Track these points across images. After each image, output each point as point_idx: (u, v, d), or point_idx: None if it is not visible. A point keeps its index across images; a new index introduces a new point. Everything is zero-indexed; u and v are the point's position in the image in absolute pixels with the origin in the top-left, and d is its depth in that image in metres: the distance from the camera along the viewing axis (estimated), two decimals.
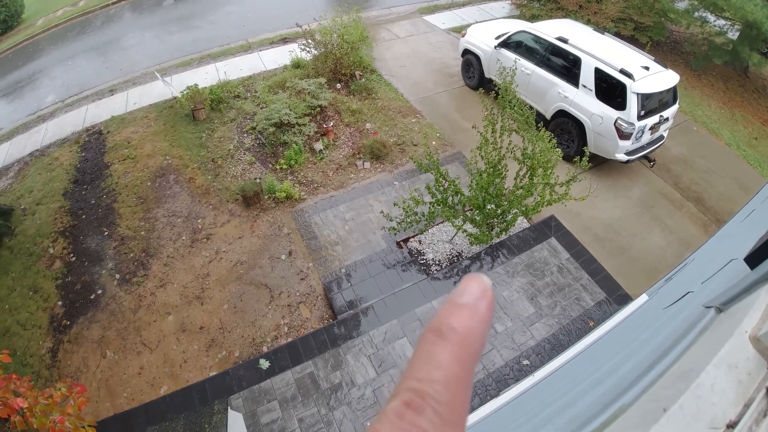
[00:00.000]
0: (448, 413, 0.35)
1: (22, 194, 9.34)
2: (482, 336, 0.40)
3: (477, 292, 0.41)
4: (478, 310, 0.40)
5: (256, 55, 13.08)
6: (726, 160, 9.84)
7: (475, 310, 0.40)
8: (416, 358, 0.38)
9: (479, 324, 0.40)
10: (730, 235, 3.43)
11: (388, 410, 0.35)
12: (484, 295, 0.41)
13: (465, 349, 0.38)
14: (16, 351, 6.57)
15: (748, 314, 0.94)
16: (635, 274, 7.24)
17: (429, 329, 0.40)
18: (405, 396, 0.36)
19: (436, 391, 0.36)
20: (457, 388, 0.37)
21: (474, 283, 0.42)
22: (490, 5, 16.27)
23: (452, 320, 0.39)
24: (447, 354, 0.38)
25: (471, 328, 0.39)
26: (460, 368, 0.37)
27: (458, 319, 0.39)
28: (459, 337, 0.38)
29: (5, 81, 15.19)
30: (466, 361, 0.38)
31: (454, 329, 0.39)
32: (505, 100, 6.31)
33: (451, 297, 0.42)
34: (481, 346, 0.40)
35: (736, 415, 0.76)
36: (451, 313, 0.40)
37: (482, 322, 0.40)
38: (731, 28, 12.87)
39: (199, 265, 7.45)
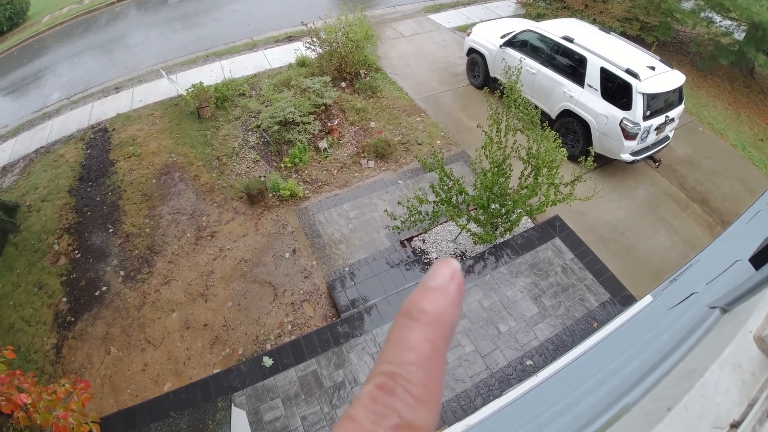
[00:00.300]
0: (421, 392, 0.36)
1: (28, 191, 9.38)
2: (453, 316, 0.40)
3: (447, 274, 0.42)
4: (447, 292, 0.41)
5: (261, 54, 13.09)
6: (731, 162, 9.80)
7: (445, 292, 0.41)
8: (388, 342, 0.39)
9: (449, 305, 0.40)
10: (735, 237, 3.42)
11: (362, 395, 0.36)
12: (453, 278, 0.42)
13: (436, 329, 0.39)
14: (20, 347, 6.60)
15: (752, 315, 0.94)
16: (640, 274, 7.21)
17: (400, 313, 0.40)
18: (378, 380, 0.36)
19: (408, 371, 0.36)
20: (430, 367, 0.37)
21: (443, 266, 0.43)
22: (496, 4, 16.23)
23: (423, 303, 0.40)
24: (418, 335, 0.38)
25: (441, 309, 0.40)
26: (432, 348, 0.38)
27: (429, 302, 0.40)
28: (429, 318, 0.39)
29: (11, 78, 15.25)
30: (437, 341, 0.38)
31: (424, 311, 0.39)
32: (510, 100, 6.30)
33: (422, 281, 0.42)
34: (452, 326, 0.40)
35: (739, 414, 0.76)
36: (422, 297, 0.40)
37: (452, 302, 0.40)
38: (737, 28, 12.80)
39: (204, 262, 7.47)
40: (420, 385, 0.36)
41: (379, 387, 0.36)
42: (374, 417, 0.34)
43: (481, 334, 6.20)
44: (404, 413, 0.35)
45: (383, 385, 0.36)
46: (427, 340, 0.38)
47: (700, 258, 3.83)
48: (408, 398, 0.35)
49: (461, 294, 0.42)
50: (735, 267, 1.99)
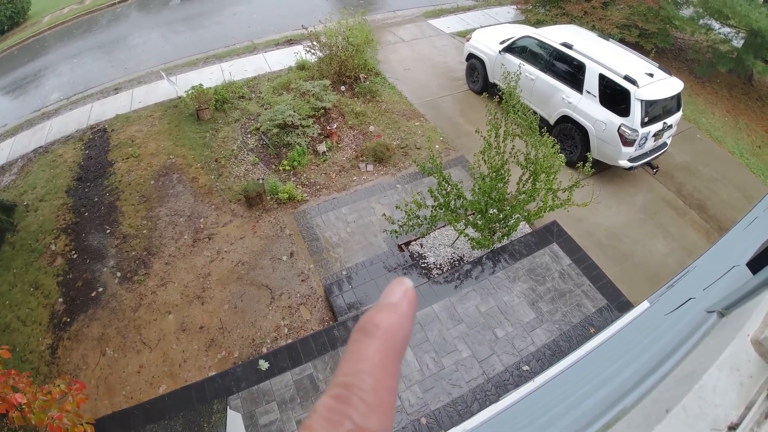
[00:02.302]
0: (373, 399, 0.38)
1: (25, 190, 9.36)
2: (404, 329, 0.43)
3: (399, 292, 0.44)
4: (399, 308, 0.43)
5: (261, 56, 13.11)
6: (729, 169, 9.83)
7: (396, 308, 0.43)
8: (344, 356, 0.41)
9: (400, 319, 0.43)
10: (732, 243, 3.43)
11: (318, 406, 0.38)
12: (405, 295, 0.44)
13: (388, 341, 0.41)
14: (15, 347, 6.57)
15: (750, 318, 0.94)
16: (637, 281, 7.22)
17: (356, 329, 0.42)
18: (333, 391, 0.38)
19: (361, 380, 0.38)
20: (381, 375, 0.39)
21: (396, 285, 0.45)
22: (496, 10, 16.29)
23: (375, 318, 0.42)
24: (371, 348, 0.40)
25: (392, 323, 0.42)
26: (384, 358, 0.40)
27: (381, 317, 0.42)
28: (382, 332, 0.41)
29: (10, 77, 15.26)
30: (389, 352, 0.41)
31: (377, 325, 0.42)
32: (509, 105, 6.31)
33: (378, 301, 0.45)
34: (403, 338, 0.42)
35: (737, 417, 0.77)
36: (375, 313, 0.43)
37: (403, 317, 0.43)
38: (736, 35, 12.86)
39: (201, 264, 7.45)
40: (372, 392, 0.38)
41: (334, 397, 0.38)
42: (329, 425, 0.36)
43: (478, 339, 6.19)
44: (357, 419, 0.36)
45: (338, 395, 0.38)
46: (378, 351, 0.40)
47: (697, 264, 3.83)
48: (361, 405, 0.37)
49: (413, 310, 0.44)
50: (732, 272, 1.99)
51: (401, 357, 0.42)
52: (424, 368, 5.87)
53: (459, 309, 6.52)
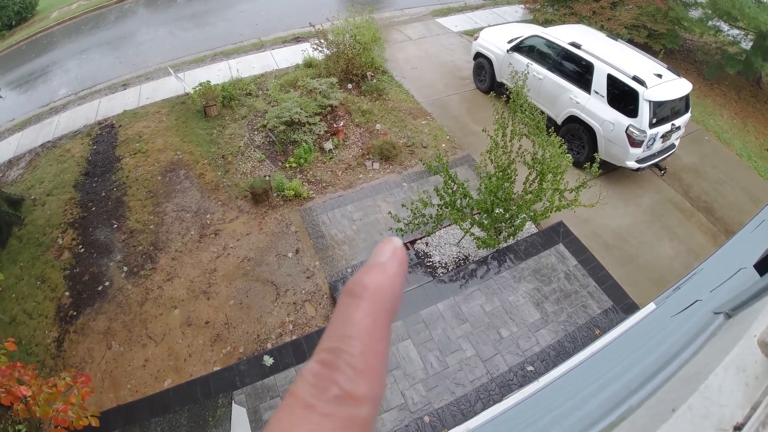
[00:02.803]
0: (361, 364, 0.37)
1: (33, 184, 9.42)
2: (394, 289, 0.41)
3: (388, 252, 0.43)
4: (387, 268, 0.42)
5: (268, 54, 13.12)
6: (737, 171, 9.77)
7: (384, 268, 0.42)
8: (332, 321, 0.40)
9: (389, 279, 0.41)
10: (739, 245, 3.41)
11: (304, 371, 0.37)
12: (394, 255, 0.43)
13: (377, 303, 0.40)
14: (21, 340, 6.62)
15: (757, 319, 0.94)
16: (643, 282, 7.20)
17: (343, 292, 0.41)
18: (320, 356, 0.38)
19: (349, 345, 0.37)
20: (370, 339, 0.38)
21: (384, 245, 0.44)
22: (504, 9, 16.25)
23: (364, 280, 0.41)
24: (359, 311, 0.39)
25: (381, 284, 0.41)
26: (373, 321, 0.39)
27: (369, 278, 0.41)
28: (370, 293, 0.40)
29: (18, 72, 15.33)
30: (378, 315, 0.39)
31: (365, 287, 0.40)
32: (517, 104, 6.29)
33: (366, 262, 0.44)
34: (393, 299, 0.41)
35: (743, 417, 0.77)
36: (363, 274, 0.42)
37: (393, 276, 0.42)
38: (745, 38, 12.78)
39: (207, 260, 7.48)
40: (360, 356, 0.37)
41: (321, 362, 0.37)
42: (314, 390, 0.35)
43: (483, 338, 6.19)
44: (344, 384, 0.35)
45: (324, 361, 0.37)
46: (367, 314, 0.39)
47: (704, 267, 3.82)
48: (348, 370, 0.36)
49: (403, 269, 0.43)
50: (739, 274, 1.99)
51: (391, 319, 0.41)
52: (428, 367, 5.88)
53: (464, 308, 6.52)
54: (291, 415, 0.34)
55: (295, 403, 0.35)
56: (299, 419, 0.34)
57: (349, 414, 0.35)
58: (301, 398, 0.35)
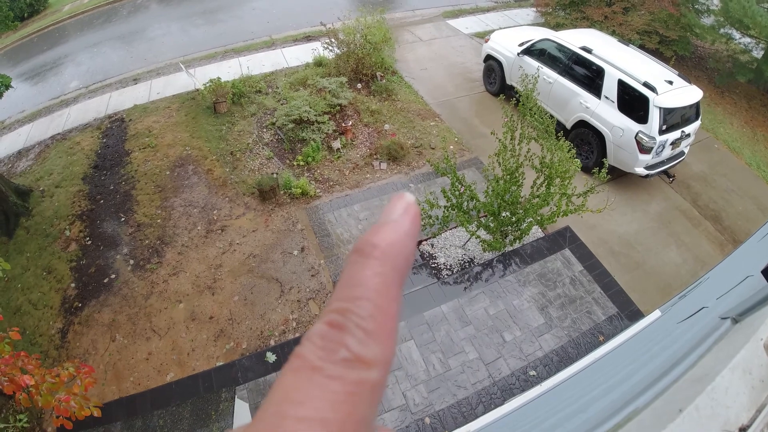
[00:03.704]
0: (371, 326, 0.35)
1: (42, 176, 9.48)
2: (406, 248, 0.40)
3: (400, 208, 0.41)
4: (400, 225, 0.40)
5: (279, 52, 13.16)
6: (746, 180, 9.71)
7: (396, 225, 0.40)
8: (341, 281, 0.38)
9: (401, 237, 0.40)
10: (746, 254, 3.40)
11: (311, 333, 0.35)
12: (406, 211, 0.41)
13: (387, 262, 0.38)
14: (25, 330, 6.66)
15: (764, 323, 0.94)
16: (649, 290, 7.16)
17: (353, 251, 0.39)
18: (328, 317, 0.36)
19: (359, 306, 0.36)
20: (380, 300, 0.37)
21: (397, 201, 0.42)
22: (515, 12, 16.23)
23: (374, 238, 0.39)
24: (369, 270, 0.37)
25: (392, 243, 0.39)
26: (383, 281, 0.37)
27: (380, 236, 0.39)
28: (380, 252, 0.38)
29: (29, 64, 15.44)
30: (389, 274, 0.38)
31: (375, 245, 0.39)
32: (526, 108, 6.29)
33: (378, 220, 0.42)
34: (405, 257, 0.39)
35: (748, 419, 0.77)
36: (374, 232, 0.40)
37: (405, 234, 0.40)
38: (756, 46, 12.72)
39: (213, 255, 7.51)
40: (370, 318, 0.35)
41: (329, 324, 0.35)
42: (322, 353, 0.34)
43: (486, 341, 6.19)
44: (353, 347, 0.34)
45: (332, 322, 0.35)
46: (377, 274, 0.37)
47: (710, 275, 3.80)
48: (358, 332, 0.35)
49: (416, 226, 0.41)
50: (746, 282, 1.98)
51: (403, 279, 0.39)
52: (430, 368, 5.88)
53: (468, 310, 6.51)
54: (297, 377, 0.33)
55: (302, 366, 0.34)
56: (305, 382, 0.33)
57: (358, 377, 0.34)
58: (308, 360, 0.34)
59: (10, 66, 15.58)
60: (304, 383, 0.33)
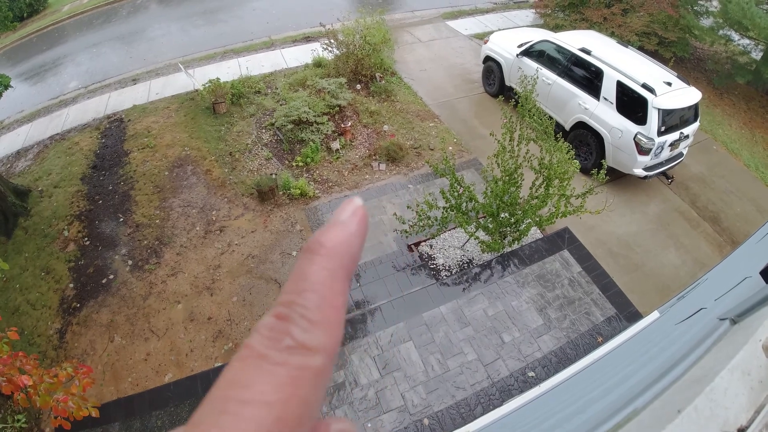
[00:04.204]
0: (316, 316, 0.37)
1: (40, 176, 9.47)
2: (351, 246, 0.41)
3: (348, 211, 0.43)
4: (347, 226, 0.42)
5: (278, 53, 13.16)
6: (744, 182, 9.73)
7: (344, 226, 0.42)
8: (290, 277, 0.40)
9: (348, 236, 0.41)
10: (745, 255, 3.40)
11: (259, 325, 0.37)
12: (354, 213, 0.43)
13: (333, 259, 0.40)
14: (24, 330, 6.64)
15: (762, 324, 0.94)
16: (647, 291, 7.17)
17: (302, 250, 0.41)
18: (275, 310, 0.38)
19: (304, 298, 0.37)
20: (325, 292, 0.38)
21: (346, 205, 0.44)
22: (514, 13, 16.25)
23: (321, 237, 0.41)
24: (315, 266, 0.39)
25: (339, 241, 0.41)
26: (328, 275, 0.39)
27: (327, 236, 0.41)
28: (326, 249, 0.40)
29: (28, 64, 15.44)
30: (335, 269, 0.39)
31: (322, 244, 0.40)
32: (525, 109, 6.29)
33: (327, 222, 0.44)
34: (351, 255, 0.41)
35: (747, 420, 0.76)
36: (323, 233, 0.41)
37: (352, 234, 0.42)
38: (755, 48, 12.77)
39: (211, 256, 7.50)
40: (315, 309, 0.37)
41: (276, 316, 0.37)
42: (268, 342, 0.36)
43: (485, 342, 6.19)
44: (297, 335, 0.36)
45: (279, 314, 0.37)
46: (323, 268, 0.39)
47: (708, 276, 3.80)
48: (302, 322, 0.36)
49: (363, 227, 0.43)
50: (745, 283, 1.98)
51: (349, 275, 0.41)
52: (429, 369, 5.87)
53: (466, 312, 6.51)
54: (243, 364, 0.35)
55: (248, 354, 0.35)
56: (251, 368, 0.34)
57: (301, 363, 0.35)
58: (254, 349, 0.36)
59: (10, 66, 15.56)
60: (249, 369, 0.34)
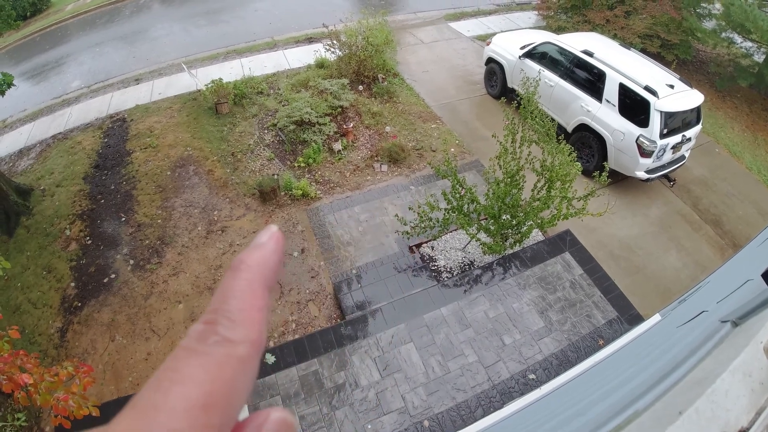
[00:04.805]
0: (238, 316, 0.41)
1: (43, 175, 9.48)
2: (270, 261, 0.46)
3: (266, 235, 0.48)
4: (265, 246, 0.47)
5: (281, 53, 13.17)
6: (746, 185, 9.71)
7: (263, 247, 0.47)
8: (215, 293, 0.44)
9: (265, 254, 0.46)
10: (746, 258, 3.39)
11: (191, 330, 0.41)
12: (271, 237, 0.48)
13: (252, 272, 0.44)
14: (25, 329, 6.65)
15: (764, 326, 0.94)
16: (649, 294, 7.16)
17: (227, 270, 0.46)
18: (203, 317, 0.42)
19: (228, 304, 0.42)
20: (246, 297, 0.43)
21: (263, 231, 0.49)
22: (517, 15, 16.25)
23: (243, 257, 0.46)
24: (237, 279, 0.44)
25: (258, 258, 0.46)
26: (249, 284, 0.43)
27: (247, 255, 0.46)
28: (246, 265, 0.45)
29: (31, 63, 15.47)
30: (254, 279, 0.44)
31: (242, 261, 0.45)
32: (527, 111, 6.28)
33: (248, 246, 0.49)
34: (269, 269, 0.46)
35: (748, 422, 0.76)
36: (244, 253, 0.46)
37: (269, 252, 0.47)
38: (758, 50, 12.75)
39: (213, 256, 7.51)
40: (237, 311, 0.41)
41: (204, 322, 0.41)
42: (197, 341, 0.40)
43: (485, 344, 6.18)
44: (222, 332, 0.40)
45: (206, 320, 0.41)
46: (244, 280, 0.44)
47: (710, 279, 3.80)
48: (226, 322, 0.41)
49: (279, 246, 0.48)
50: (746, 286, 1.98)
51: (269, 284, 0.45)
52: (429, 371, 5.87)
53: (467, 313, 6.50)
54: (175, 358, 0.39)
55: (180, 350, 0.39)
56: (182, 359, 0.38)
57: (226, 351, 0.39)
58: (185, 346, 0.40)
59: (13, 65, 15.61)
60: (180, 360, 0.39)
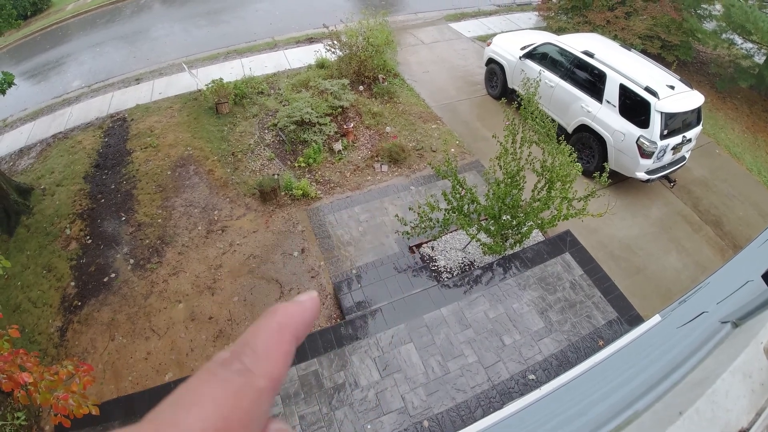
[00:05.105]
0: (263, 352, 0.43)
1: (43, 174, 9.49)
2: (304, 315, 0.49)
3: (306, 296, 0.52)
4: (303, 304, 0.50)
5: (281, 53, 13.18)
6: (747, 186, 9.71)
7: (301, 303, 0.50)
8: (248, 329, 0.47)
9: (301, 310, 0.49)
10: (747, 259, 3.39)
11: (216, 356, 0.44)
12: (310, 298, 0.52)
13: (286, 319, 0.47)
14: (24, 328, 6.66)
15: (764, 327, 0.94)
16: (649, 294, 7.16)
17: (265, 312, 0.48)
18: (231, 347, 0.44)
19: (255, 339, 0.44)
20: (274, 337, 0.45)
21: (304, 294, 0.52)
22: (517, 15, 16.25)
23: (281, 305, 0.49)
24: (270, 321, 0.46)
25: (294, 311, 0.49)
26: (279, 327, 0.46)
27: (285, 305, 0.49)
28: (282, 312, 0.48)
29: (32, 63, 15.48)
30: (286, 324, 0.47)
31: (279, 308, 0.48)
32: (527, 112, 6.28)
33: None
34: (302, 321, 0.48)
35: (748, 422, 0.76)
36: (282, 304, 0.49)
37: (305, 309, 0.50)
38: (758, 51, 12.76)
39: (213, 256, 7.51)
40: (263, 347, 0.44)
41: (231, 352, 0.43)
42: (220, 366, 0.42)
43: (485, 345, 6.17)
44: (246, 362, 0.42)
45: (233, 350, 0.44)
46: (276, 323, 0.46)
47: (710, 280, 3.79)
48: (251, 354, 0.43)
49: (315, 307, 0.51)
50: (746, 287, 1.98)
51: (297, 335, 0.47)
52: (429, 371, 5.86)
53: (467, 314, 6.50)
54: (197, 379, 0.41)
55: (203, 372, 0.41)
56: (203, 382, 0.40)
57: (246, 381, 0.41)
58: (208, 370, 0.42)
59: (13, 64, 15.61)
60: (201, 383, 0.40)
